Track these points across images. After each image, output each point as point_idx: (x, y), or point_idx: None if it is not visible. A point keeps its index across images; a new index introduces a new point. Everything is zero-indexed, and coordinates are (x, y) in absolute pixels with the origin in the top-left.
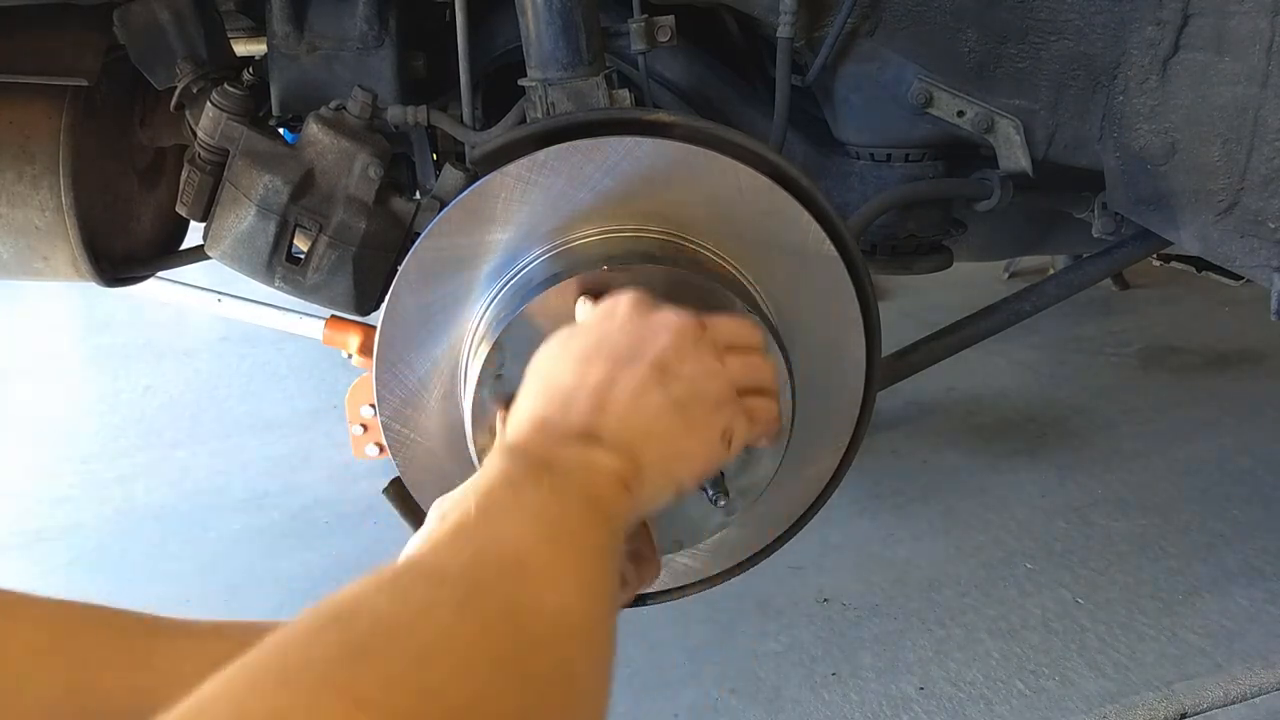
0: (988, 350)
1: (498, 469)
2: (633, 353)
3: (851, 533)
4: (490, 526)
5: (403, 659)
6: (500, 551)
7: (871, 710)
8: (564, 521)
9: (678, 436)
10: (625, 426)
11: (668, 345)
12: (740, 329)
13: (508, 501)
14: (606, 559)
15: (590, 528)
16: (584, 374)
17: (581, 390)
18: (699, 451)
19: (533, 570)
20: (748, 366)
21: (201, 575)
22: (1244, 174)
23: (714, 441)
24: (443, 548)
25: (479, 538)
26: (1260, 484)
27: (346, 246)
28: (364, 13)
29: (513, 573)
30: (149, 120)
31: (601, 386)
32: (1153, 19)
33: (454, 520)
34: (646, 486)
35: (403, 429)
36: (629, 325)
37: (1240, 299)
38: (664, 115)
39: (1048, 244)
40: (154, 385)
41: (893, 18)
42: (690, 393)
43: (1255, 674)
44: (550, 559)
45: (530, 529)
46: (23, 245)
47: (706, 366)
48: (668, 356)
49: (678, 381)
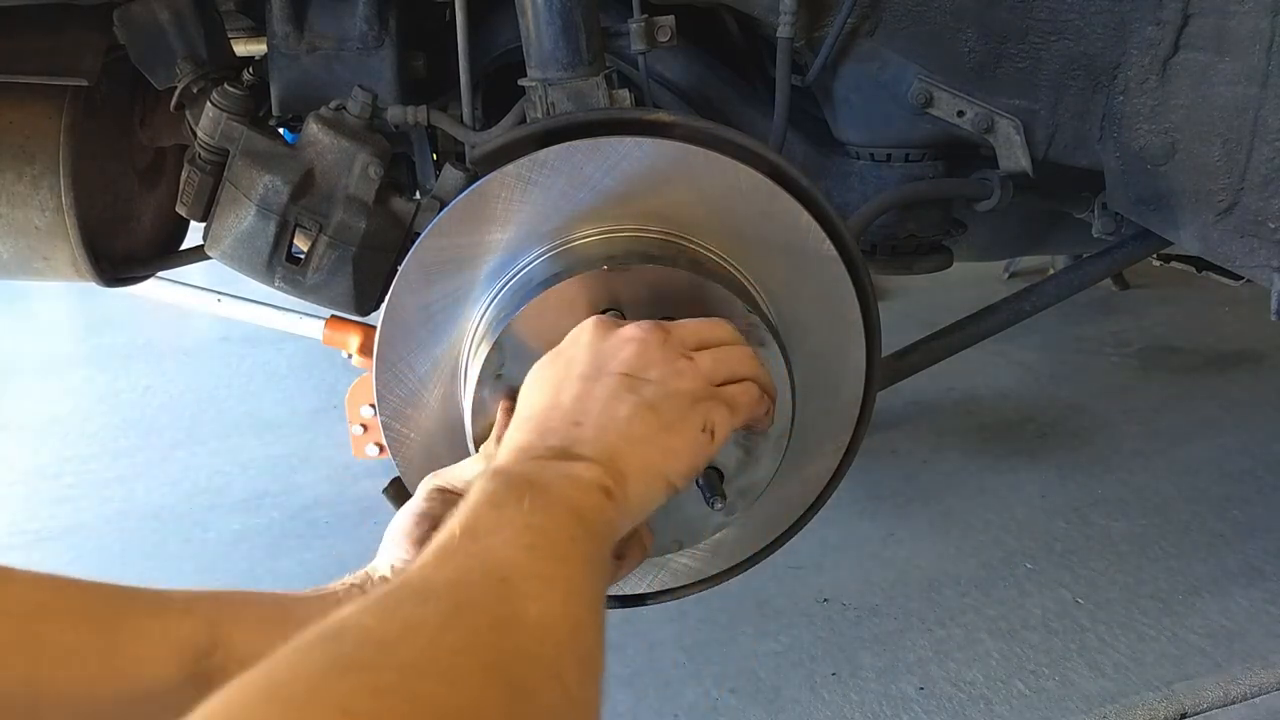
0: (988, 350)
1: (481, 491)
2: (599, 367)
3: (851, 533)
4: (474, 543)
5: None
6: (485, 566)
7: (871, 710)
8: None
9: (656, 436)
10: (601, 436)
11: (631, 354)
12: (705, 327)
13: (491, 520)
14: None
15: (574, 539)
16: (555, 395)
17: (555, 411)
18: (681, 447)
19: (517, 582)
20: (719, 359)
21: (201, 575)
22: (1244, 174)
23: (695, 436)
24: (428, 567)
25: (463, 555)
26: (1260, 484)
27: (346, 246)
28: (364, 13)
29: (498, 586)
30: (149, 120)
31: (573, 404)
32: (1153, 19)
33: (439, 542)
34: (632, 490)
35: (403, 429)
36: (592, 344)
37: (1240, 299)
38: (664, 115)
39: (1048, 244)
40: (154, 385)
41: (893, 18)
42: (661, 393)
43: (1255, 674)
44: (534, 570)
45: (513, 543)
46: (23, 245)
47: (674, 367)
48: (633, 364)
49: (647, 385)
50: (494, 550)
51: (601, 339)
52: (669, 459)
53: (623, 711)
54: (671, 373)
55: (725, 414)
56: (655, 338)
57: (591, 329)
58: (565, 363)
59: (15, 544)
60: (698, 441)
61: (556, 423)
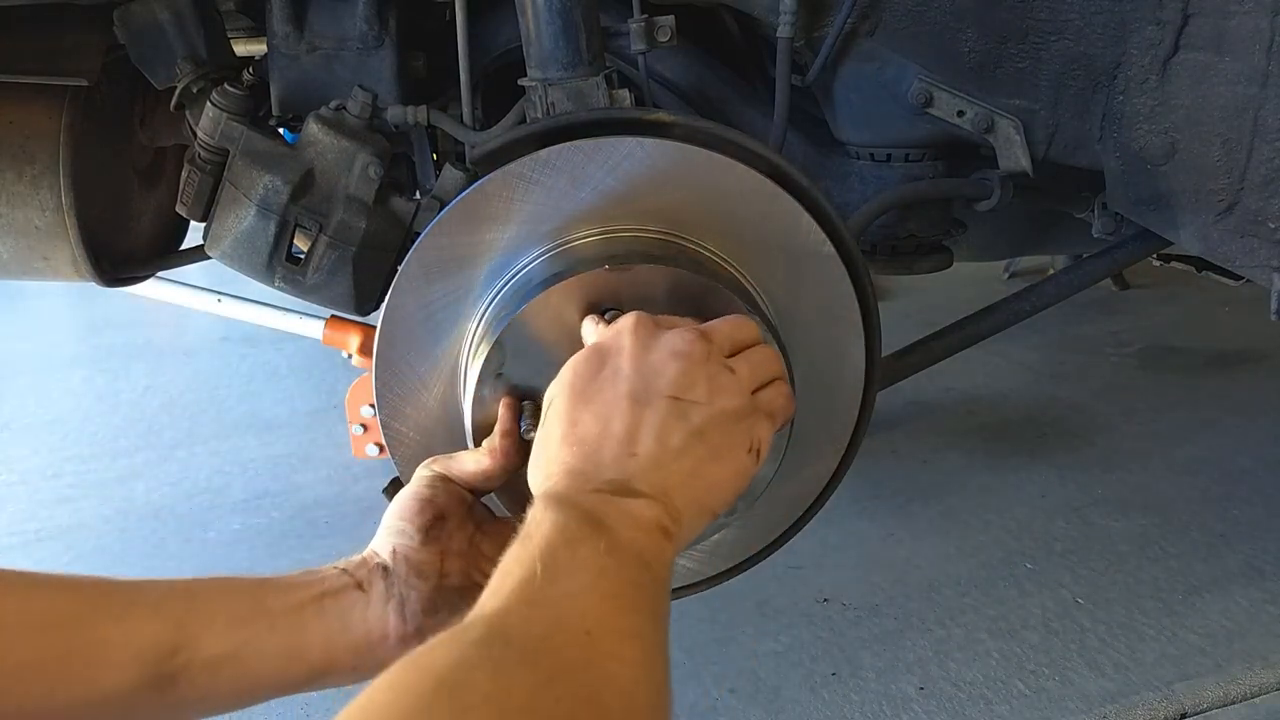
0: (988, 350)
1: (552, 524)
2: (648, 390)
3: (851, 533)
4: (557, 591)
5: None
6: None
7: (871, 710)
8: (621, 581)
9: (706, 468)
10: (657, 471)
11: (678, 373)
12: (737, 329)
13: (567, 561)
14: (659, 616)
15: (641, 586)
16: (607, 421)
17: (608, 439)
18: (728, 477)
19: (600, 638)
20: (754, 363)
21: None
22: (1244, 174)
23: (741, 460)
24: (514, 612)
25: (549, 604)
26: (1260, 484)
27: (346, 246)
28: (364, 13)
29: (584, 640)
30: (149, 120)
31: (626, 434)
32: (1153, 19)
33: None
34: (684, 528)
35: (402, 429)
36: (638, 360)
37: (1240, 299)
38: (664, 115)
39: (1048, 244)
40: (154, 385)
41: (893, 18)
42: (710, 417)
43: (1255, 674)
44: (614, 625)
45: (593, 594)
46: (23, 245)
47: (718, 383)
48: (680, 385)
49: (695, 409)
50: (577, 600)
51: (646, 349)
52: (715, 492)
53: None
54: (716, 390)
55: (767, 427)
56: (699, 351)
57: (634, 333)
58: (611, 376)
59: (15, 544)
60: (744, 466)
61: (611, 452)
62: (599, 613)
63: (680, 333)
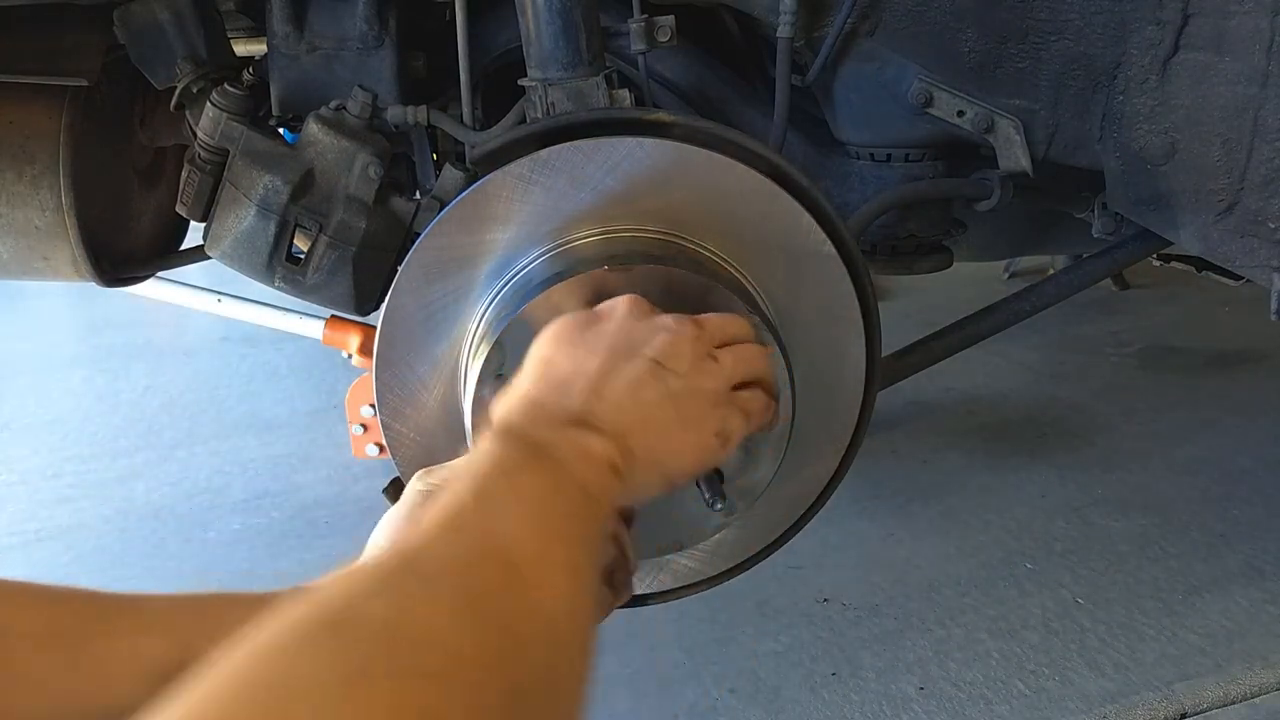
0: (988, 350)
1: (491, 453)
2: (631, 347)
3: (851, 533)
4: (484, 519)
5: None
6: (495, 548)
7: (871, 710)
8: (556, 513)
9: (671, 429)
10: (619, 414)
11: (665, 343)
12: (729, 323)
13: (503, 490)
14: (593, 551)
15: (581, 520)
16: (582, 362)
17: (579, 377)
18: (691, 447)
19: (524, 568)
20: (741, 359)
21: (201, 575)
22: (1244, 174)
23: (708, 439)
24: (436, 539)
25: (473, 530)
26: (1260, 484)
27: (346, 246)
28: (364, 13)
29: (505, 571)
30: (149, 120)
31: (599, 375)
32: (1153, 19)
33: (447, 506)
34: (636, 475)
35: (403, 429)
36: (628, 322)
37: (1240, 299)
38: (664, 115)
39: (1048, 244)
40: (154, 385)
41: (893, 18)
42: (686, 389)
43: (1255, 674)
44: (542, 555)
45: (525, 523)
46: (23, 245)
47: (703, 365)
48: (664, 353)
49: (675, 377)
50: (504, 530)
51: (637, 319)
52: (675, 455)
53: (623, 711)
54: (700, 371)
55: (740, 422)
56: (689, 332)
57: (628, 305)
58: (596, 331)
59: (15, 544)
60: (708, 445)
61: (579, 389)
62: (532, 542)
63: (672, 316)
